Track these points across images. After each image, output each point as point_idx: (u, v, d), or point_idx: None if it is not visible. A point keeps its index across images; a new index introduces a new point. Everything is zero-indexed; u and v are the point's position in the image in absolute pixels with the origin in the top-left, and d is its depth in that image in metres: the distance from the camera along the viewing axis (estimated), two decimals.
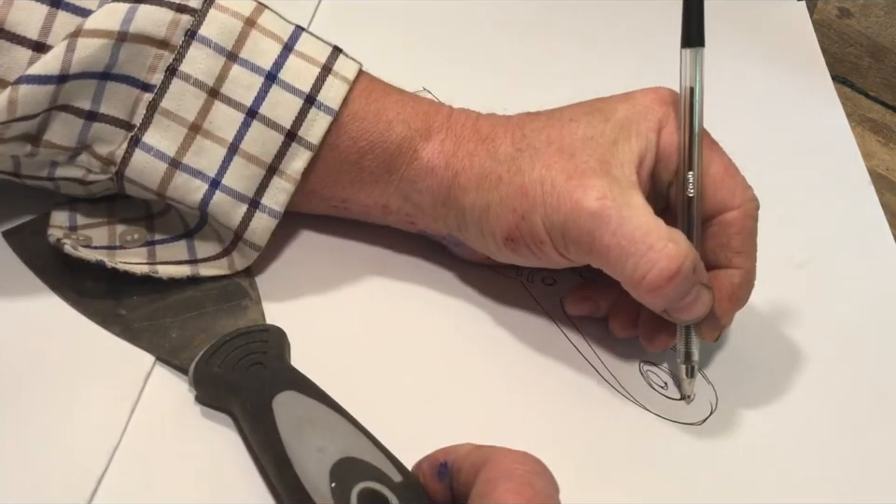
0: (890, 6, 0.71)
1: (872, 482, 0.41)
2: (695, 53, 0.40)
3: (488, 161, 0.42)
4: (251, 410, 0.37)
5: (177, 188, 0.41)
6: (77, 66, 0.38)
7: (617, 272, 0.39)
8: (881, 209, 0.55)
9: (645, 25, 0.68)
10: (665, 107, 0.41)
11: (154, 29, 0.39)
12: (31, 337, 0.41)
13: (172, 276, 0.42)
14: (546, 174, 0.40)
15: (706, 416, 0.42)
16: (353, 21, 0.63)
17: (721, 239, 0.41)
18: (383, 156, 0.43)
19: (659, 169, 0.41)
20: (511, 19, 0.66)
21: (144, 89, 0.40)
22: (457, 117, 0.44)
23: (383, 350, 0.43)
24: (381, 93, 0.43)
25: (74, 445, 0.37)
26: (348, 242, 0.47)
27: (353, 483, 0.33)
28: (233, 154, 0.41)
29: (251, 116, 0.41)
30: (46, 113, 0.39)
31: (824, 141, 0.60)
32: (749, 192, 0.41)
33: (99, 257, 0.42)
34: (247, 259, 0.43)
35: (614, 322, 0.44)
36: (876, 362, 0.46)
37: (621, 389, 0.43)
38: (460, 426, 0.39)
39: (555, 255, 0.41)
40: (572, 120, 0.41)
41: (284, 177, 0.42)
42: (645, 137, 0.40)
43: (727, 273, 0.41)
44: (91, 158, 0.41)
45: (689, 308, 0.39)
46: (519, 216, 0.40)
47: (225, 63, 0.41)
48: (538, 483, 0.31)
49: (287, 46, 0.42)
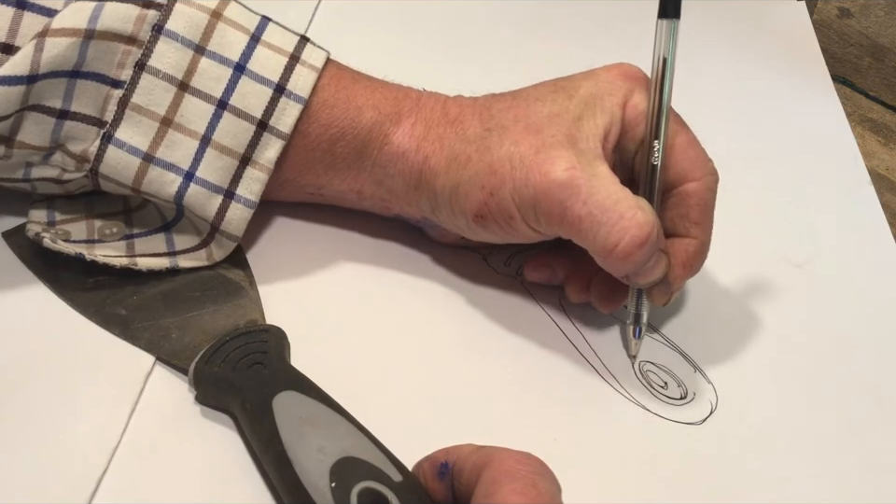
0: (890, 6, 0.71)
1: (871, 482, 0.41)
2: (671, 24, 0.41)
3: (457, 143, 0.42)
4: (251, 409, 0.37)
5: (152, 182, 0.41)
6: (46, 66, 0.38)
7: (588, 241, 0.40)
8: (881, 209, 0.55)
9: (645, 25, 0.68)
10: (630, 82, 0.42)
11: (121, 25, 0.40)
12: (31, 337, 0.41)
13: (151, 268, 0.42)
14: (514, 150, 0.40)
15: (706, 416, 0.42)
16: (353, 21, 0.63)
17: (681, 209, 0.42)
18: (354, 142, 0.43)
19: (624, 141, 0.42)
20: (512, 18, 0.66)
21: (113, 85, 0.40)
22: (426, 101, 0.44)
23: (382, 350, 0.43)
24: (350, 80, 0.44)
25: (74, 445, 0.37)
26: (348, 243, 0.47)
27: (353, 483, 0.33)
28: (206, 146, 0.41)
29: (222, 107, 0.41)
30: (17, 114, 0.39)
31: (824, 141, 0.60)
32: (710, 166, 0.43)
33: (78, 250, 0.42)
34: (225, 250, 0.44)
35: (570, 287, 0.45)
36: (876, 362, 0.46)
37: (621, 389, 0.43)
38: (460, 426, 0.39)
39: (525, 228, 0.41)
40: (538, 99, 0.42)
41: (257, 167, 0.42)
42: (610, 112, 0.41)
43: (683, 241, 0.43)
44: (65, 156, 0.41)
45: (648, 273, 0.41)
46: (488, 192, 0.41)
47: (193, 56, 0.41)
48: (541, 484, 0.31)
49: (254, 36, 0.42)
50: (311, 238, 0.47)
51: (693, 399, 0.43)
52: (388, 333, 0.44)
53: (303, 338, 0.41)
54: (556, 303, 0.46)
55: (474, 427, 0.39)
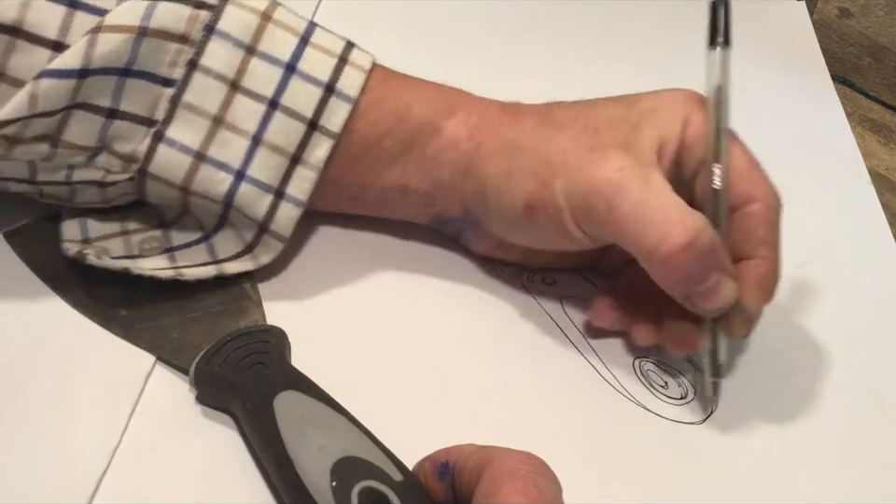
0: (890, 6, 0.71)
1: (872, 482, 0.41)
2: (724, 53, 0.42)
3: (512, 132, 0.43)
4: (252, 409, 0.37)
5: (202, 181, 0.41)
6: (99, 61, 0.38)
7: (633, 242, 0.39)
8: (881, 209, 0.55)
9: (645, 24, 0.68)
10: (691, 104, 0.42)
11: (173, 24, 0.40)
12: (31, 337, 0.41)
13: (198, 277, 0.42)
14: (569, 145, 0.41)
15: (706, 416, 0.42)
16: (353, 21, 0.63)
17: (745, 230, 0.41)
18: (402, 136, 0.43)
19: (683, 160, 0.42)
20: (513, 18, 0.66)
21: (164, 84, 0.40)
22: (482, 98, 0.45)
23: (383, 350, 0.43)
24: (400, 80, 0.44)
25: (74, 445, 0.37)
26: (347, 244, 0.47)
27: (354, 482, 0.33)
28: (257, 145, 0.41)
29: (273, 107, 0.41)
30: (65, 111, 0.39)
31: (824, 141, 0.60)
32: (773, 187, 0.42)
33: (124, 265, 0.42)
34: (272, 252, 0.43)
35: (638, 330, 0.44)
36: (876, 362, 0.46)
37: (621, 389, 0.43)
38: (460, 425, 0.39)
39: (573, 227, 0.41)
40: (598, 105, 0.43)
41: (307, 166, 0.42)
42: (669, 126, 0.41)
43: (753, 262, 0.42)
44: (110, 157, 0.41)
45: (710, 295, 0.40)
46: (540, 183, 0.41)
47: (244, 56, 0.41)
48: (542, 484, 0.31)
49: (302, 39, 0.42)
50: (311, 239, 0.47)
51: (693, 399, 0.43)
52: (389, 333, 0.44)
53: (304, 339, 0.41)
54: (557, 304, 0.46)
55: (475, 427, 0.39)
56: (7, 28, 0.38)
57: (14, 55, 0.38)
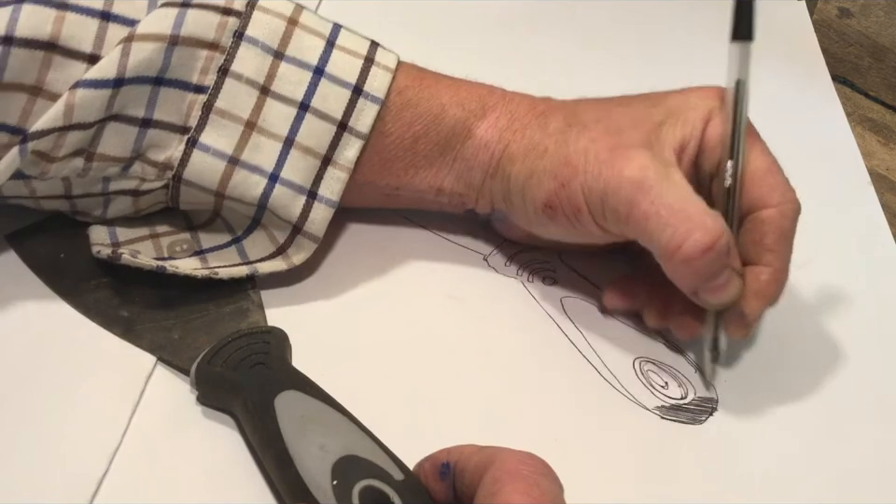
0: (890, 6, 0.71)
1: (872, 482, 0.41)
2: (746, 47, 0.41)
3: (538, 133, 0.43)
4: (253, 409, 0.37)
5: (237, 185, 0.42)
6: (133, 70, 0.39)
7: (653, 240, 0.40)
8: (881, 209, 0.55)
9: (645, 24, 0.68)
10: (715, 101, 0.42)
11: (204, 31, 0.40)
12: (33, 338, 0.41)
13: (232, 276, 0.42)
14: (590, 145, 0.41)
15: (706, 416, 0.42)
16: (353, 21, 0.63)
17: (755, 235, 0.41)
18: (437, 138, 0.44)
19: (702, 160, 0.42)
20: (514, 17, 0.66)
21: (196, 91, 0.41)
22: (513, 96, 0.45)
23: (383, 350, 0.43)
24: (432, 80, 0.45)
25: (75, 446, 0.37)
26: (348, 245, 0.47)
27: (354, 481, 0.33)
28: (289, 148, 0.42)
29: (304, 109, 0.42)
30: (99, 124, 0.39)
31: (824, 141, 0.60)
32: (791, 194, 0.42)
33: (159, 263, 0.42)
34: (305, 252, 0.43)
35: (648, 313, 0.45)
36: (877, 362, 0.46)
37: (621, 389, 0.43)
38: (461, 425, 0.39)
39: (592, 225, 0.41)
40: (623, 104, 0.43)
41: (337, 167, 0.43)
42: (691, 125, 0.42)
43: (756, 269, 0.42)
44: (144, 166, 0.41)
45: (719, 290, 0.40)
46: (559, 183, 0.41)
47: (273, 61, 0.42)
48: (544, 484, 0.31)
49: (329, 41, 0.43)
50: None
51: (694, 399, 0.43)
52: (389, 333, 0.44)
53: (305, 340, 0.42)
54: (557, 303, 0.46)
55: (475, 427, 0.39)
56: (43, 44, 0.38)
57: (51, 71, 0.38)
